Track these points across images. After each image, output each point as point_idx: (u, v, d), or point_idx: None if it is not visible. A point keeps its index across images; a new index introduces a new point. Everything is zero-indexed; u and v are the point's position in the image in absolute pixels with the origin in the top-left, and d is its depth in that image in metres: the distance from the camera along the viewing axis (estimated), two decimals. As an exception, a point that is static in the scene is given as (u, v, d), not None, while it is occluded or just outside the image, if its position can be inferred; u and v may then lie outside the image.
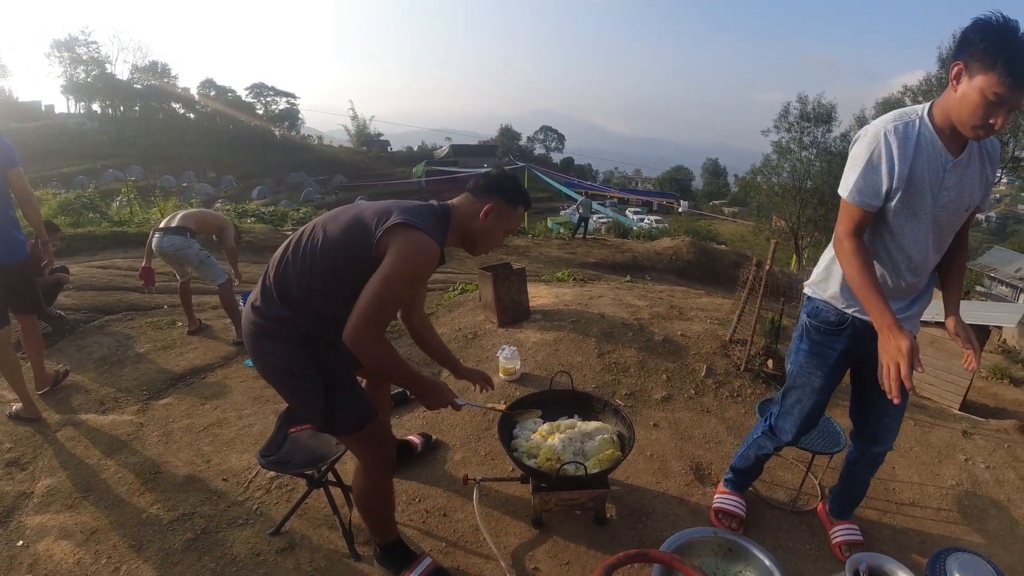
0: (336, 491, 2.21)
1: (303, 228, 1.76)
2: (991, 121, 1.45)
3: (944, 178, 1.61)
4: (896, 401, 1.46)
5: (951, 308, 1.79)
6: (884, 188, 1.63)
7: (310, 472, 2.12)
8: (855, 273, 1.64)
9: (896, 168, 1.60)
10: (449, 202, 1.85)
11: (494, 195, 1.81)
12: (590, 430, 2.27)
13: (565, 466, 2.02)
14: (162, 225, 4.29)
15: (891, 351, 1.49)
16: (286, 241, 1.77)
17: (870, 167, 1.63)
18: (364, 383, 2.14)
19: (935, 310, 1.97)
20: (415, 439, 2.72)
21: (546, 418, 2.40)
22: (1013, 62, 1.37)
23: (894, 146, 1.59)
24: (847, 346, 1.90)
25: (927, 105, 1.64)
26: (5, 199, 2.97)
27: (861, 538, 2.26)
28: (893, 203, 1.66)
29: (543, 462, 2.12)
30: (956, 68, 1.49)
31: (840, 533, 2.28)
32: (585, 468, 2.03)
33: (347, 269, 1.66)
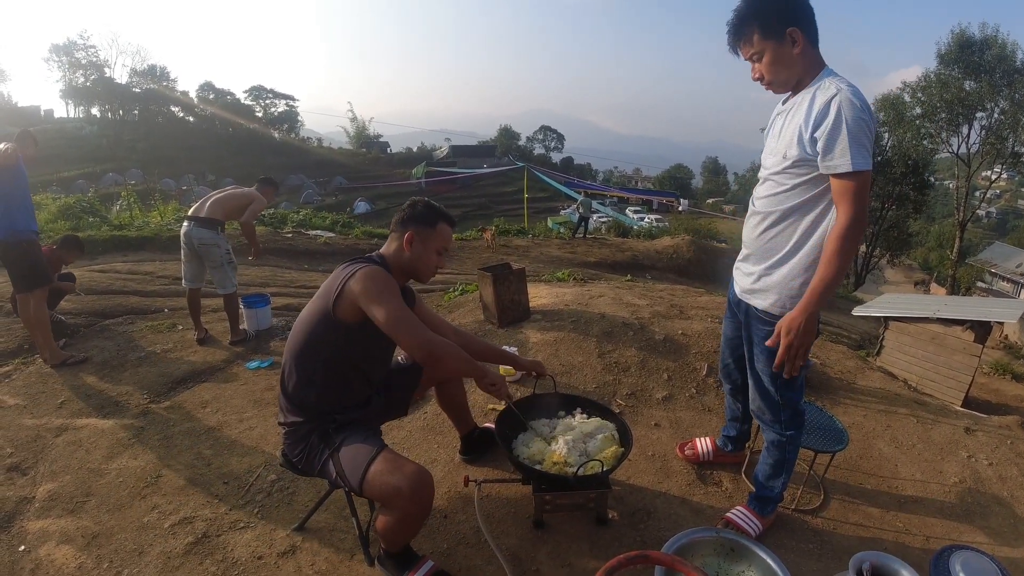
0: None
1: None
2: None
3: None
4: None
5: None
6: None
7: None
8: None
9: None
10: (380, 251, 2.01)
11: (410, 224, 1.96)
12: (590, 430, 2.27)
13: (582, 466, 2.02)
14: (191, 212, 4.22)
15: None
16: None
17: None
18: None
19: (933, 306, 1.97)
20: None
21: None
22: None
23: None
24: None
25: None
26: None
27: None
28: None
29: (550, 466, 2.11)
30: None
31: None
32: (602, 464, 2.04)
33: (320, 342, 1.87)
